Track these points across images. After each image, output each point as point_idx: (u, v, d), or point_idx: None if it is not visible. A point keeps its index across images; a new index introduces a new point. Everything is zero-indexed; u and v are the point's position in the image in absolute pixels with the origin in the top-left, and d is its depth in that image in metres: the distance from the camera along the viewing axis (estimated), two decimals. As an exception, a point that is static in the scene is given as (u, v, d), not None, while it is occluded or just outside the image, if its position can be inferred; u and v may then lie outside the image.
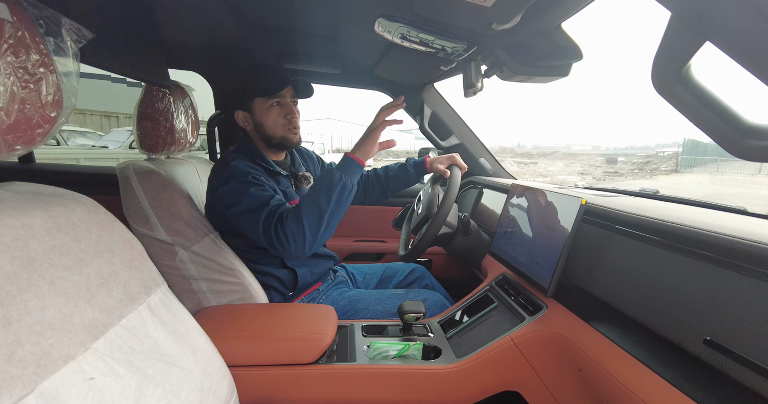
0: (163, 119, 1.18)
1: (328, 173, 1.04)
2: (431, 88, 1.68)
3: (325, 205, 1.00)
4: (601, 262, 0.80)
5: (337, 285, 1.38)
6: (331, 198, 1.01)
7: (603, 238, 0.81)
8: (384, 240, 1.98)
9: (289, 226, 0.99)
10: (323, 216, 1.00)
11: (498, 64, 0.90)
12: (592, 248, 0.83)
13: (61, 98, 0.56)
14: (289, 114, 1.20)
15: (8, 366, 0.41)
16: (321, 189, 1.02)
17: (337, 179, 1.02)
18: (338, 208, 1.02)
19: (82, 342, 0.51)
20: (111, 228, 0.66)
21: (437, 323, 1.14)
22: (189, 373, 0.68)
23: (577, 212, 0.81)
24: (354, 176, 1.05)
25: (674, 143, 57.46)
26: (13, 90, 0.48)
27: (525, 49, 0.82)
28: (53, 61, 0.55)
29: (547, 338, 0.85)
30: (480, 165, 1.79)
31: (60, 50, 0.57)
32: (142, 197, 1.06)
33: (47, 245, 0.53)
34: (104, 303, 0.59)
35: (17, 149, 0.52)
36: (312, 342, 0.88)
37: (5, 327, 0.43)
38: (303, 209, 1.00)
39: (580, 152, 42.80)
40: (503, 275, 1.16)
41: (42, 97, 0.52)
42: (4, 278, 0.45)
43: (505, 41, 0.82)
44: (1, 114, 0.47)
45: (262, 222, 1.02)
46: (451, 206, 1.18)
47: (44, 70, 0.53)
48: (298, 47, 1.41)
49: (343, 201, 1.03)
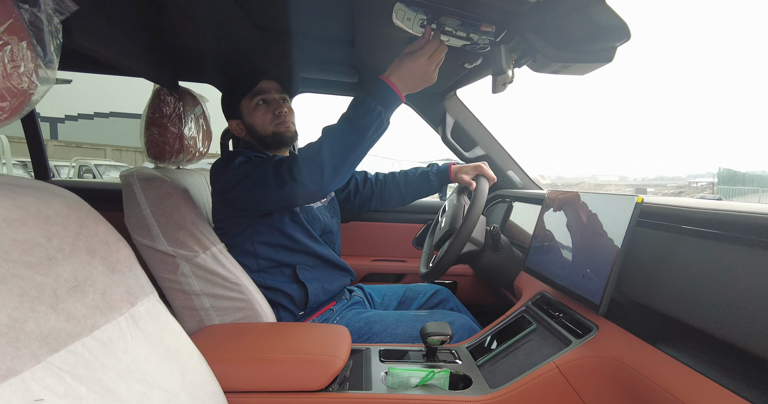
0: (171, 125, 1.13)
1: (362, 101, 0.88)
2: (453, 97, 1.61)
3: (351, 137, 0.87)
4: (664, 271, 0.66)
5: (352, 305, 1.26)
6: (359, 130, 0.87)
7: (666, 242, 0.68)
8: (404, 260, 1.86)
9: (305, 157, 0.88)
10: (347, 149, 0.87)
11: (530, 51, 0.80)
12: (652, 256, 0.70)
13: (35, 72, 0.49)
14: (277, 109, 1.14)
15: None
16: (352, 118, 0.88)
17: (371, 108, 0.87)
18: (365, 143, 0.88)
19: (33, 355, 0.42)
20: (94, 227, 0.58)
21: (466, 348, 1.00)
22: (174, 398, 0.57)
23: (632, 213, 0.69)
24: (390, 110, 0.90)
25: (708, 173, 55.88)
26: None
27: (561, 31, 0.73)
28: (28, 30, 0.48)
29: (601, 364, 0.70)
30: (508, 178, 1.67)
31: (38, 20, 0.50)
32: (144, 205, 0.99)
33: (6, 238, 0.45)
34: (73, 309, 0.49)
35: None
36: (321, 366, 0.76)
37: None
38: (325, 137, 0.89)
39: (607, 183, 41.94)
40: (541, 293, 1.02)
41: (6, 66, 0.45)
42: None
43: (538, 23, 0.73)
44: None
45: (272, 170, 0.92)
46: (477, 220, 1.07)
47: (13, 38, 0.46)
48: (313, 54, 1.36)
49: (374, 136, 0.89)
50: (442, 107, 1.62)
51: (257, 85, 1.12)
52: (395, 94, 0.88)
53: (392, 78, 0.87)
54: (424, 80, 0.88)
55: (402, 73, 0.87)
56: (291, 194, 0.91)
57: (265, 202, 0.98)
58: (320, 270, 1.18)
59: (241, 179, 0.98)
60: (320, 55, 1.38)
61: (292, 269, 1.13)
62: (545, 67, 0.83)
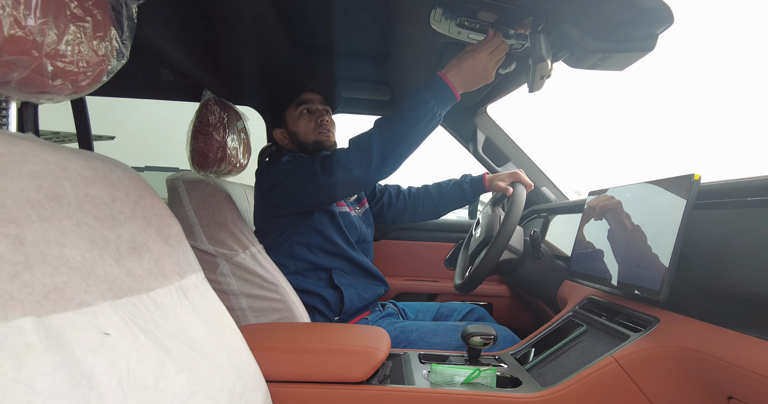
0: (216, 133, 1.18)
1: (416, 94, 0.90)
2: (484, 114, 1.63)
3: (402, 126, 0.89)
4: (732, 250, 0.63)
5: (386, 317, 1.23)
6: (410, 121, 0.88)
7: (730, 220, 0.65)
8: (437, 280, 1.81)
9: (354, 144, 0.91)
10: (397, 139, 0.89)
11: (568, 44, 0.82)
12: (716, 238, 0.66)
13: (113, 46, 0.54)
14: (319, 117, 1.19)
15: (10, 286, 0.33)
16: (404, 109, 0.89)
17: (425, 101, 0.88)
18: (416, 134, 0.90)
19: (101, 294, 0.42)
20: (150, 199, 0.60)
21: (510, 355, 0.94)
22: (220, 371, 0.56)
23: (690, 192, 0.66)
24: (443, 106, 0.90)
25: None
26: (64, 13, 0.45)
27: (599, 19, 0.74)
28: (109, 9, 0.53)
29: (667, 355, 0.65)
30: (543, 195, 1.64)
31: (117, 4, 0.56)
32: (188, 207, 1.02)
33: (80, 191, 0.47)
34: (132, 268, 0.50)
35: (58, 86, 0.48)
36: (363, 357, 0.73)
37: (16, 246, 0.35)
38: (376, 127, 0.90)
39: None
40: (588, 298, 0.97)
41: (89, 36, 0.49)
42: (24, 201, 0.39)
43: (577, 11, 0.75)
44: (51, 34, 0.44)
45: (319, 161, 0.95)
46: (515, 224, 1.04)
47: (99, 11, 0.51)
48: (347, 72, 1.43)
49: (425, 129, 0.90)
50: (473, 124, 1.64)
51: (301, 95, 1.18)
52: (450, 91, 0.89)
53: (449, 74, 0.89)
54: (483, 77, 0.89)
55: (461, 69, 0.88)
56: (336, 181, 0.93)
57: (311, 193, 1.00)
58: (355, 277, 1.16)
59: (288, 173, 1.01)
60: (354, 73, 1.44)
61: (328, 274, 1.12)
62: (583, 60, 0.84)
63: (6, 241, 0.35)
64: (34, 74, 0.44)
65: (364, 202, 1.36)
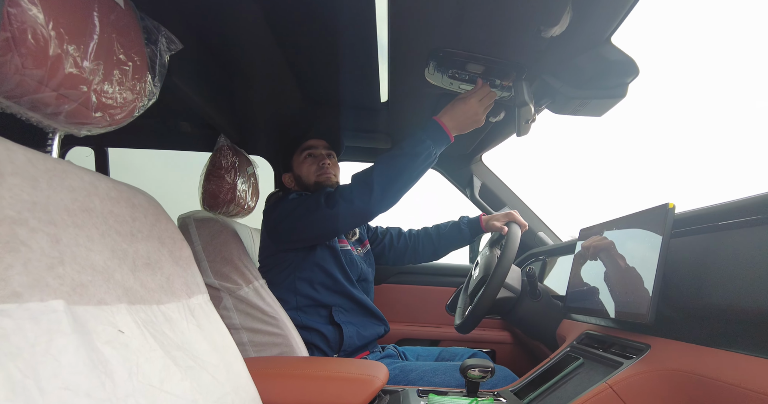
0: (227, 175, 1.26)
1: (416, 135, 1.00)
2: (479, 162, 1.72)
3: (401, 160, 0.98)
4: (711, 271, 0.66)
5: (386, 357, 1.22)
6: (409, 156, 0.98)
7: (706, 244, 0.68)
8: (439, 326, 1.79)
9: (357, 179, 0.98)
10: (396, 173, 0.97)
11: (549, 92, 0.92)
12: (694, 261, 0.70)
13: (144, 89, 0.62)
14: (321, 160, 1.28)
15: (47, 275, 0.38)
16: (404, 147, 0.99)
17: (422, 140, 0.98)
18: (414, 169, 0.98)
19: (118, 297, 0.46)
20: (165, 223, 0.66)
21: (510, 391, 0.93)
22: (220, 386, 0.57)
23: (666, 218, 0.71)
24: (438, 146, 1.00)
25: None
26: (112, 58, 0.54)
27: (575, 70, 0.84)
28: (146, 57, 0.63)
29: (659, 378, 0.66)
30: (539, 239, 1.68)
31: (153, 54, 0.66)
32: (197, 242, 1.07)
33: (106, 207, 0.53)
34: (146, 281, 0.55)
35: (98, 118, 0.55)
36: (361, 383, 0.74)
37: (53, 243, 0.41)
38: (378, 162, 0.99)
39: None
40: (586, 333, 0.98)
41: (129, 77, 0.58)
42: (63, 208, 0.45)
43: (554, 63, 0.85)
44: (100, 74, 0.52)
45: (323, 195, 1.02)
46: (511, 261, 1.07)
47: (138, 59, 0.60)
48: (351, 123, 1.54)
49: (422, 165, 0.99)
50: (469, 171, 1.73)
51: (306, 142, 1.28)
52: (445, 133, 1.00)
53: (444, 118, 1.00)
54: (474, 121, 1.00)
55: (454, 114, 0.99)
56: (339, 212, 0.99)
57: (315, 225, 1.05)
58: (355, 315, 1.18)
59: (293, 208, 1.07)
60: (357, 124, 1.55)
61: (328, 311, 1.13)
62: (564, 107, 0.93)
63: (47, 238, 0.40)
64: (80, 107, 0.52)
65: (365, 243, 1.41)
